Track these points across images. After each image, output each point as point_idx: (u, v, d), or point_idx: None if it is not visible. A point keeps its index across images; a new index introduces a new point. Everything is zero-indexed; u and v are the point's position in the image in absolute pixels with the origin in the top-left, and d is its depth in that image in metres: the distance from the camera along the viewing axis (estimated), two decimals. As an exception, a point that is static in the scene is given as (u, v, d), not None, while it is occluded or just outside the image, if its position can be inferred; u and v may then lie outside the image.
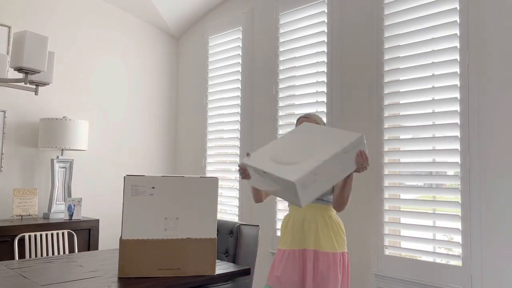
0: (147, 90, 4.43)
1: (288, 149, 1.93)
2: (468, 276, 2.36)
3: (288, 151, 1.91)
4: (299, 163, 1.78)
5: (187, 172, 4.42)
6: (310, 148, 1.88)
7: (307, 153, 1.84)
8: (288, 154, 1.88)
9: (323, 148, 1.85)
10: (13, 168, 3.53)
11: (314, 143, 1.91)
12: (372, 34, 2.90)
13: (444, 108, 2.56)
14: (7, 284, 1.76)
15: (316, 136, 1.97)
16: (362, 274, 2.84)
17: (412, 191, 2.67)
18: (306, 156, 1.82)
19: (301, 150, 1.89)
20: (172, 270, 1.94)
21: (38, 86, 2.46)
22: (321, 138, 1.94)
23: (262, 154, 1.97)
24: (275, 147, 1.99)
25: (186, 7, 4.22)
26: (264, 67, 3.64)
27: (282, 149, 1.95)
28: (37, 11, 3.70)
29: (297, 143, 1.96)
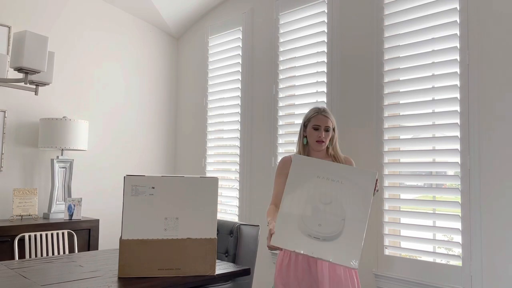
0: (147, 90, 4.43)
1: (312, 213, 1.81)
2: (468, 276, 2.36)
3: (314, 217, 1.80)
4: (341, 236, 1.72)
5: (187, 172, 4.42)
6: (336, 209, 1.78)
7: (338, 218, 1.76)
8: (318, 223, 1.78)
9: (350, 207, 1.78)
10: (13, 168, 3.53)
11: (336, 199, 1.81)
12: (372, 34, 2.90)
13: (444, 108, 2.56)
14: (7, 284, 1.76)
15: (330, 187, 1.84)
16: (362, 274, 2.84)
17: (412, 191, 2.67)
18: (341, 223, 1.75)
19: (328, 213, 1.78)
20: (172, 270, 1.94)
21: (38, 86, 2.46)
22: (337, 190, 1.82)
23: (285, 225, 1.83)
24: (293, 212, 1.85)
25: (186, 7, 4.22)
26: (264, 67, 3.64)
27: (305, 214, 1.82)
28: (37, 11, 3.70)
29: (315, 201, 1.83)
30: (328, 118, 2.16)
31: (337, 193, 1.80)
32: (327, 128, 2.15)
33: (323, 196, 1.81)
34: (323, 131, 2.14)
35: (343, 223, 1.74)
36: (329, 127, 2.15)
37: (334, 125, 2.20)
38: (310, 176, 1.87)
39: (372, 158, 2.83)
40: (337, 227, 1.74)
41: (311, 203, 1.82)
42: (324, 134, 2.14)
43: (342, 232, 1.72)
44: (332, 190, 1.81)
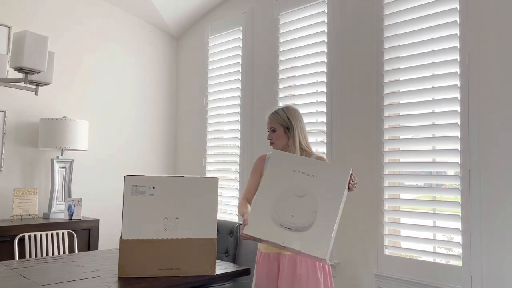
0: (147, 90, 4.43)
1: (286, 204, 1.84)
2: (468, 276, 2.36)
3: (287, 208, 1.83)
4: (312, 227, 1.75)
5: (187, 172, 4.42)
6: (310, 201, 1.82)
7: (311, 210, 1.80)
8: (290, 214, 1.81)
9: (323, 200, 1.80)
10: (13, 168, 3.53)
11: (309, 192, 1.84)
12: (372, 34, 2.90)
13: (444, 108, 2.56)
14: (7, 284, 1.76)
15: (305, 181, 1.87)
16: (362, 274, 2.84)
17: (412, 191, 2.67)
18: (313, 215, 1.78)
19: (301, 205, 1.82)
20: (172, 270, 1.94)
21: (38, 86, 2.46)
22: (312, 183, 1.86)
23: (259, 216, 1.87)
24: (267, 203, 1.88)
25: (186, 7, 4.22)
26: (264, 67, 3.64)
27: (278, 205, 1.85)
28: (37, 11, 3.70)
29: (290, 193, 1.87)
30: (270, 120, 2.24)
31: (311, 187, 1.84)
32: (272, 129, 2.23)
33: (297, 189, 1.86)
34: (270, 132, 2.24)
35: (314, 215, 1.77)
36: (274, 128, 2.21)
37: (288, 125, 2.20)
38: (287, 170, 1.93)
39: (372, 158, 2.83)
40: (308, 219, 1.77)
41: (285, 195, 1.86)
42: (272, 135, 2.23)
43: (313, 223, 1.76)
44: (306, 183, 1.85)
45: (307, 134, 2.27)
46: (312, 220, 1.76)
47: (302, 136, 2.22)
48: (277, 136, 2.21)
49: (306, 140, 2.24)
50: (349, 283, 2.90)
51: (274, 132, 2.22)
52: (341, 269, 2.95)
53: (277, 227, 1.81)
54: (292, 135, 2.19)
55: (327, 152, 3.09)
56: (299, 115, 2.25)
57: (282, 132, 2.20)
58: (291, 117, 2.21)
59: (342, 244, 2.97)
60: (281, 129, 2.20)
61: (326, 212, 1.77)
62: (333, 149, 3.06)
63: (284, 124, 2.20)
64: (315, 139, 3.21)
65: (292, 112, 2.23)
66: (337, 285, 2.96)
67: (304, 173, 1.88)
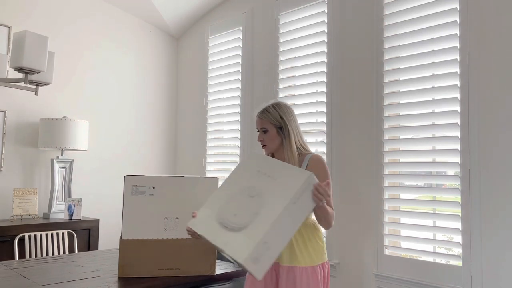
0: (147, 90, 4.43)
1: (234, 203, 1.69)
2: (468, 276, 2.36)
3: (234, 206, 1.68)
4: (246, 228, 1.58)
5: (187, 172, 4.42)
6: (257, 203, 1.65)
7: (253, 211, 1.63)
8: (234, 213, 1.66)
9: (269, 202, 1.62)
10: (13, 168, 3.53)
11: (261, 194, 1.67)
12: (372, 34, 2.90)
13: (444, 108, 2.56)
14: (7, 284, 1.76)
15: (262, 182, 1.70)
16: (362, 274, 2.84)
17: (412, 191, 2.67)
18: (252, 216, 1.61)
19: (248, 205, 1.67)
20: (172, 270, 1.94)
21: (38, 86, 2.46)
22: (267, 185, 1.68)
23: (206, 211, 1.74)
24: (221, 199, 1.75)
25: (186, 7, 4.22)
26: (264, 67, 3.64)
27: (228, 203, 1.71)
28: (37, 11, 3.70)
29: (243, 193, 1.71)
30: (260, 119, 1.97)
31: (264, 188, 1.68)
32: (263, 129, 1.97)
33: (251, 189, 1.72)
34: (261, 133, 1.98)
35: (253, 217, 1.61)
36: (266, 128, 1.96)
37: (281, 125, 1.95)
38: (252, 170, 1.79)
39: (372, 158, 2.83)
40: (247, 220, 1.61)
41: (238, 194, 1.73)
42: (263, 136, 1.98)
43: (248, 225, 1.59)
44: (262, 184, 1.70)
45: (301, 132, 2.03)
46: (249, 222, 1.60)
47: (298, 135, 1.97)
48: (270, 137, 1.95)
49: (302, 139, 1.99)
50: (349, 283, 2.90)
51: (265, 133, 1.96)
52: (341, 269, 2.95)
53: (216, 225, 1.67)
54: (287, 135, 1.94)
55: (327, 152, 3.09)
56: (292, 112, 1.99)
57: (274, 133, 1.95)
58: (284, 114, 1.95)
59: (342, 244, 2.97)
60: (273, 129, 1.95)
61: (265, 216, 1.59)
62: (333, 149, 3.06)
63: (277, 123, 1.94)
64: (315, 139, 3.21)
65: (284, 109, 1.97)
66: (337, 285, 2.96)
67: (265, 174, 1.73)
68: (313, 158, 1.93)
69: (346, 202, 2.96)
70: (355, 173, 2.93)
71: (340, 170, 3.01)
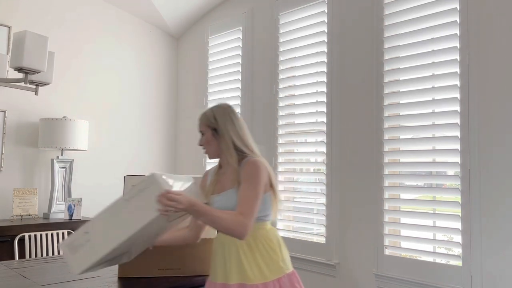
0: (147, 90, 4.43)
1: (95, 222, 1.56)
2: (468, 276, 2.36)
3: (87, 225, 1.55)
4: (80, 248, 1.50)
5: (187, 172, 4.42)
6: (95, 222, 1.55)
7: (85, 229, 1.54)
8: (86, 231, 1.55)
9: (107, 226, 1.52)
10: (13, 168, 3.53)
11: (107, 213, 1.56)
12: (372, 34, 2.90)
13: (444, 108, 2.55)
14: (7, 284, 1.76)
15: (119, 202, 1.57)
16: (362, 274, 2.84)
17: (412, 191, 2.67)
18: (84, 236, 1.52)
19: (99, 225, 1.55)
20: (172, 270, 1.94)
21: (38, 86, 2.46)
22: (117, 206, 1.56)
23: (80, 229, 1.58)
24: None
25: (186, 7, 4.22)
26: (264, 67, 3.64)
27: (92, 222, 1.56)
28: (37, 11, 3.70)
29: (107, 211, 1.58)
30: (199, 122, 1.89)
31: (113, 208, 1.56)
32: (201, 132, 1.88)
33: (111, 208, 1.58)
34: (200, 137, 1.89)
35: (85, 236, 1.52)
36: (202, 131, 1.87)
37: (215, 126, 1.84)
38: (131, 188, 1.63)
39: (372, 158, 2.83)
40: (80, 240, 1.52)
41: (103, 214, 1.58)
42: (201, 139, 1.88)
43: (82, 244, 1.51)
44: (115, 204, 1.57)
45: (246, 134, 1.86)
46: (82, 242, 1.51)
47: (237, 137, 1.82)
48: (206, 140, 1.85)
49: (244, 142, 1.82)
50: (349, 283, 2.90)
51: (203, 135, 1.87)
52: (341, 269, 2.95)
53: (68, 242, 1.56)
54: (221, 137, 1.82)
55: (327, 152, 3.09)
56: (230, 113, 1.86)
57: (210, 135, 1.84)
58: (219, 116, 1.84)
59: (342, 244, 2.97)
60: (208, 131, 1.85)
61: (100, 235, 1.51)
62: (333, 149, 3.06)
63: (211, 125, 1.84)
64: (315, 139, 3.21)
65: (220, 110, 1.87)
66: (337, 285, 2.96)
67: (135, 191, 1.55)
68: (247, 161, 1.77)
69: (346, 202, 2.96)
70: (355, 173, 2.93)
71: (340, 170, 3.01)
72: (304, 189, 3.42)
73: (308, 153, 3.30)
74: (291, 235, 3.33)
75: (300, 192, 3.37)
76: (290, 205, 3.42)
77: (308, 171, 3.37)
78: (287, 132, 3.43)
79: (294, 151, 3.43)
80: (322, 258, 3.06)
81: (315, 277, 3.10)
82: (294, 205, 3.39)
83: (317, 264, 3.07)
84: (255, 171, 1.72)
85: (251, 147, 1.84)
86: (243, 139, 1.83)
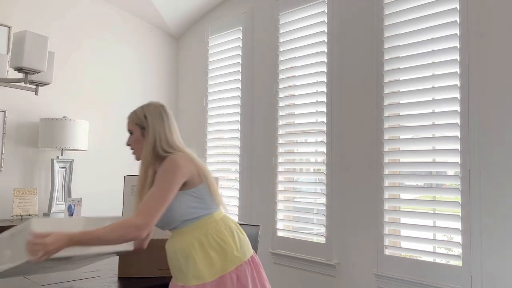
0: (147, 90, 4.43)
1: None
2: (468, 276, 2.36)
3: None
4: None
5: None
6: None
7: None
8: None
9: None
10: (13, 168, 3.53)
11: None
12: (372, 34, 2.90)
13: (444, 108, 2.56)
14: (7, 284, 1.76)
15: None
16: (362, 274, 2.84)
17: (412, 191, 2.67)
18: None
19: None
20: (172, 270, 1.93)
21: (38, 86, 2.46)
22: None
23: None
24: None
25: (186, 7, 4.22)
26: (264, 67, 3.64)
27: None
28: (37, 11, 3.70)
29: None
30: (128, 120, 1.80)
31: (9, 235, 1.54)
32: (130, 131, 1.78)
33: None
34: (129, 136, 1.78)
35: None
36: (131, 130, 1.78)
37: (143, 124, 1.75)
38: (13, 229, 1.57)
39: (372, 158, 2.83)
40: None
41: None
42: (129, 138, 1.78)
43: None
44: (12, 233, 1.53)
45: (174, 134, 1.79)
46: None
47: (162, 137, 1.72)
48: (135, 140, 1.75)
49: (169, 141, 1.74)
50: (349, 283, 2.90)
51: (132, 134, 1.78)
52: (341, 269, 2.95)
53: None
54: (146, 136, 1.73)
55: (327, 152, 3.09)
56: (161, 111, 1.77)
57: (139, 134, 1.74)
58: (150, 114, 1.75)
59: (342, 244, 2.97)
60: (137, 130, 1.75)
61: None
62: (333, 149, 3.06)
63: (140, 123, 1.75)
64: (315, 139, 3.21)
65: (152, 108, 1.78)
66: (337, 285, 2.96)
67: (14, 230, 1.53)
68: (165, 161, 1.66)
69: (346, 202, 2.96)
70: (355, 173, 2.93)
71: (340, 170, 3.01)
72: (304, 189, 3.42)
73: (308, 153, 3.30)
74: (291, 235, 3.33)
75: (300, 192, 3.37)
76: (290, 205, 3.42)
77: (308, 171, 3.37)
78: (287, 132, 3.43)
79: (294, 151, 3.43)
80: (322, 258, 3.06)
81: (315, 277, 3.10)
82: (294, 205, 3.39)
83: (317, 264, 3.07)
84: (165, 169, 1.62)
85: (177, 146, 1.76)
86: (169, 139, 1.74)
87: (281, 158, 3.44)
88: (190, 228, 1.65)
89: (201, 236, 1.64)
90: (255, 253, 1.80)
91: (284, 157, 3.43)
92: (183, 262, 1.64)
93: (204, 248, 1.63)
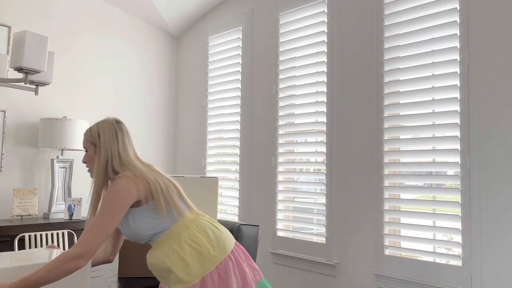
0: (147, 90, 4.43)
1: None
2: (468, 276, 2.36)
3: None
4: None
5: (187, 172, 4.42)
6: None
7: None
8: None
9: None
10: (13, 168, 3.53)
11: None
12: (372, 34, 2.90)
13: (444, 108, 2.56)
14: None
15: None
16: (362, 274, 2.84)
17: (412, 191, 2.67)
18: None
19: None
20: (172, 270, 1.93)
21: (38, 86, 2.46)
22: None
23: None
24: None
25: (186, 7, 4.22)
26: (264, 67, 3.64)
27: None
28: (37, 11, 3.70)
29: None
30: (83, 138, 1.74)
31: None
32: (85, 148, 1.75)
33: None
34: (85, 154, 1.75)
35: None
36: (86, 148, 1.74)
37: (96, 142, 1.70)
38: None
39: (372, 158, 2.83)
40: None
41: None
42: (84, 156, 1.75)
43: None
44: None
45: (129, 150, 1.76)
46: None
47: (114, 155, 1.69)
48: (88, 157, 1.72)
49: (123, 160, 1.70)
50: (349, 283, 2.90)
51: (87, 152, 1.74)
52: (341, 269, 2.95)
53: None
54: (98, 155, 1.69)
55: (327, 152, 3.09)
56: (116, 128, 1.74)
57: (92, 152, 1.71)
58: (103, 131, 1.70)
59: (342, 244, 2.97)
60: (91, 148, 1.71)
61: None
62: (333, 149, 3.06)
63: (93, 141, 1.70)
64: (315, 139, 3.21)
65: (106, 125, 1.72)
66: (337, 285, 2.96)
67: None
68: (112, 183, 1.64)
69: (346, 202, 2.96)
70: (355, 173, 2.93)
71: (340, 170, 3.01)
72: (304, 189, 3.42)
73: (308, 153, 3.30)
74: (291, 235, 3.33)
75: (300, 192, 3.37)
76: (290, 205, 3.42)
77: (308, 171, 3.37)
78: (287, 132, 3.43)
79: (294, 151, 3.43)
80: (322, 258, 3.06)
81: (315, 277, 3.10)
82: (294, 205, 3.39)
83: (317, 264, 3.07)
84: (109, 196, 1.59)
85: (131, 162, 1.71)
86: (122, 156, 1.70)
87: (281, 158, 3.44)
88: (163, 239, 1.63)
89: (174, 245, 1.62)
90: (237, 243, 1.77)
91: (284, 157, 3.44)
92: (164, 273, 1.63)
93: (180, 257, 1.60)
